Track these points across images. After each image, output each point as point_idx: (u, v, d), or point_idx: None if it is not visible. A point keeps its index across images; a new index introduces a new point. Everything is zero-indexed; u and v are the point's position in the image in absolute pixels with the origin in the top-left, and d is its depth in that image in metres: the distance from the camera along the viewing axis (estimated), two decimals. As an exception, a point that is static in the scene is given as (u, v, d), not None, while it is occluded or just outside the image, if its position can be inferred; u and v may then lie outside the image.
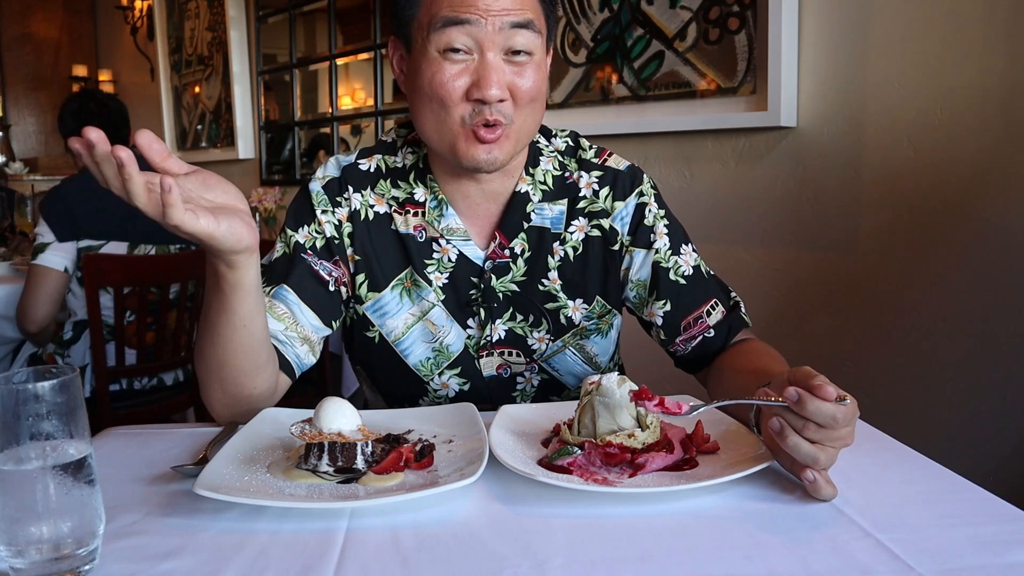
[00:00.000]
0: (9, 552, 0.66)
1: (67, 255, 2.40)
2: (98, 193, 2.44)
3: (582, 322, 1.19)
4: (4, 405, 0.65)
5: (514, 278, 1.17)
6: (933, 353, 1.98)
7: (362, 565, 0.68)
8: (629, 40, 2.52)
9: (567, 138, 1.23)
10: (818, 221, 2.17)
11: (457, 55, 1.01)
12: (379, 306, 1.17)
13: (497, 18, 1.00)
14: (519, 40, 1.02)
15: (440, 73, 1.02)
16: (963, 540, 0.70)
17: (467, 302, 1.16)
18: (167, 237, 2.57)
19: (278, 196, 3.97)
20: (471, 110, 1.03)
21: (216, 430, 1.03)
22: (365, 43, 3.92)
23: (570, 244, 1.18)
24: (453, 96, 1.02)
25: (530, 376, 1.20)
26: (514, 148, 1.08)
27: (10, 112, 7.00)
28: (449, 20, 1.00)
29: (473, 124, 1.03)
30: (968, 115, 1.87)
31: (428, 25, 1.01)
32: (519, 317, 1.17)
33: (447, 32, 1.00)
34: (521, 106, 1.05)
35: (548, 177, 1.19)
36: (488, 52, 1.01)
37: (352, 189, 1.16)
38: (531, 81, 1.04)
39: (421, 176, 1.17)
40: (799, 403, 0.76)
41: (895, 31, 1.98)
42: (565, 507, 0.79)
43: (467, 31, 1.00)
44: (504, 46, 1.02)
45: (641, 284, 1.20)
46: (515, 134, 1.07)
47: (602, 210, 1.18)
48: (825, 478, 0.78)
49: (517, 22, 1.01)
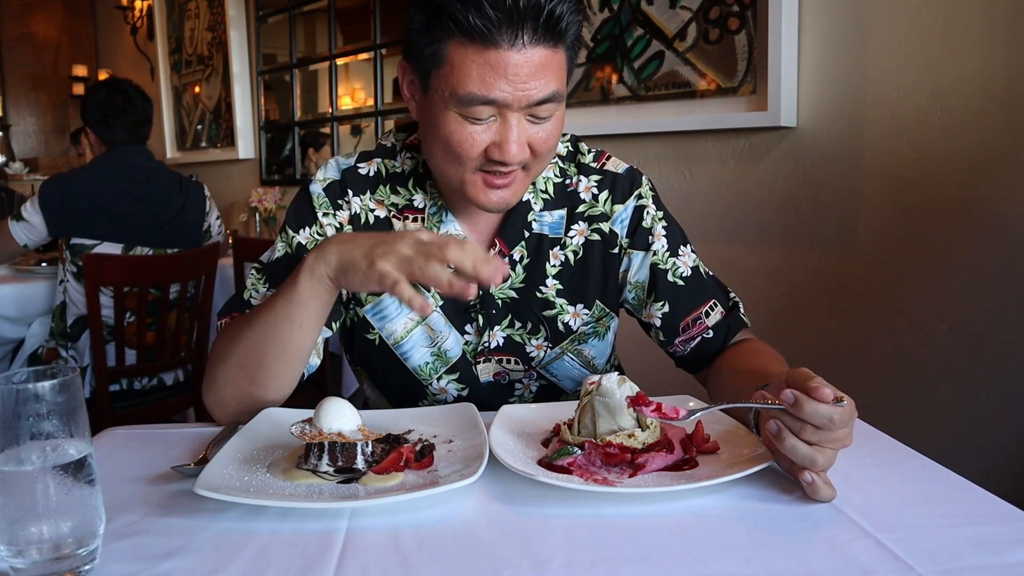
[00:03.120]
0: (9, 552, 0.66)
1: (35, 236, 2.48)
2: (97, 192, 2.44)
3: (580, 328, 1.19)
4: (4, 405, 0.65)
5: (512, 284, 1.17)
6: (933, 353, 1.98)
7: (362, 565, 0.68)
8: (629, 40, 2.52)
9: (567, 143, 1.22)
10: (818, 221, 2.17)
11: (480, 120, 0.99)
12: (379, 309, 1.17)
13: (524, 96, 0.97)
14: (543, 109, 1.01)
15: (460, 133, 1.00)
16: (963, 540, 0.70)
17: (465, 308, 1.16)
18: (164, 240, 2.57)
19: (278, 196, 3.97)
20: (487, 162, 1.03)
21: (216, 430, 1.03)
22: (365, 43, 3.91)
23: (570, 249, 1.18)
24: (471, 154, 1.01)
25: (528, 383, 1.21)
26: (524, 189, 1.09)
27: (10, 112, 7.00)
28: (476, 99, 0.97)
29: (486, 173, 1.04)
30: (968, 115, 1.87)
31: (452, 90, 0.98)
32: (517, 324, 1.17)
33: (473, 108, 0.98)
34: (539, 156, 1.05)
35: (549, 185, 1.19)
36: (511, 118, 0.99)
37: (352, 193, 1.16)
38: (552, 137, 1.04)
39: (420, 182, 1.16)
40: (796, 405, 0.77)
41: (895, 31, 1.98)
42: (565, 507, 0.79)
43: (493, 106, 0.98)
44: (528, 112, 1.01)
45: (639, 286, 1.20)
46: (530, 176, 1.08)
47: (601, 214, 1.18)
48: (823, 480, 0.78)
49: (541, 99, 0.99)
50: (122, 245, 2.49)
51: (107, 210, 2.45)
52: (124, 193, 2.48)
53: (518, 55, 0.95)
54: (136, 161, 2.54)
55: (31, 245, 2.50)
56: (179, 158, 5.39)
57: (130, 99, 2.58)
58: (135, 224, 2.50)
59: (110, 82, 2.65)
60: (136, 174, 2.52)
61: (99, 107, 2.54)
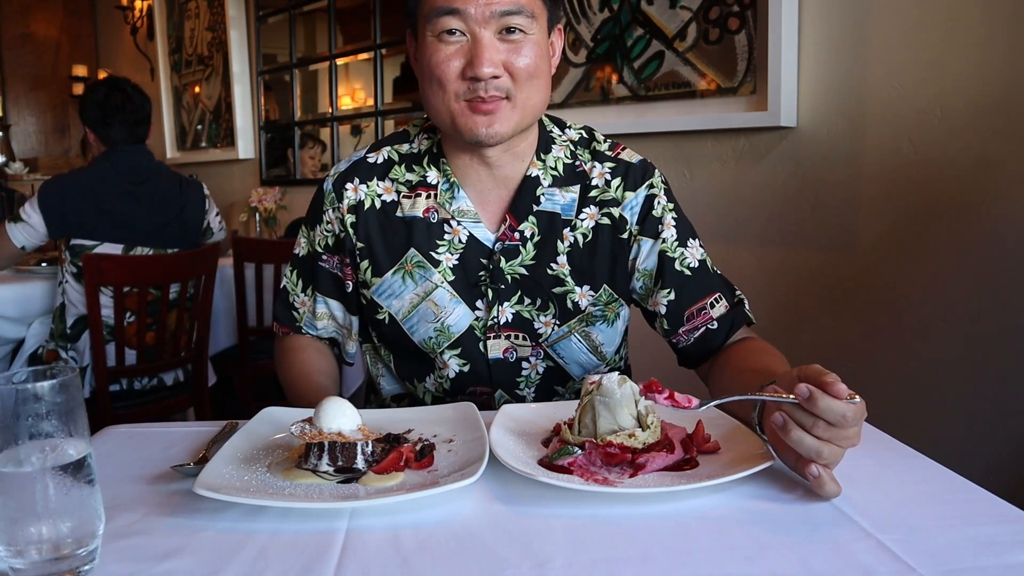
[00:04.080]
0: (9, 552, 0.66)
1: (32, 240, 2.45)
2: (97, 193, 2.44)
3: (588, 308, 1.20)
4: (4, 405, 0.65)
5: (523, 262, 1.19)
6: (933, 353, 1.97)
7: (362, 565, 0.68)
8: (629, 40, 2.52)
9: (581, 130, 1.27)
10: (818, 221, 2.17)
11: (452, 37, 1.07)
12: (383, 289, 1.21)
13: (486, 7, 1.05)
14: (511, 22, 1.06)
15: (437, 54, 1.07)
16: (964, 541, 0.70)
17: (475, 283, 1.19)
18: (164, 241, 2.57)
19: (278, 196, 3.96)
20: (467, 87, 1.08)
21: (216, 429, 1.03)
22: (365, 43, 3.91)
23: (580, 231, 1.20)
24: (449, 75, 1.07)
25: (535, 362, 1.22)
26: (518, 122, 1.12)
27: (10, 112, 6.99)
28: (442, 10, 1.05)
29: (469, 99, 1.08)
30: (968, 115, 1.87)
31: (426, 14, 1.08)
32: (527, 300, 1.20)
33: (441, 19, 1.06)
34: (520, 82, 1.09)
35: (559, 164, 1.22)
36: (481, 32, 1.06)
37: (358, 180, 1.22)
38: (528, 58, 1.08)
39: (435, 160, 1.21)
40: (810, 400, 0.76)
41: (895, 31, 1.98)
42: (565, 507, 0.78)
43: (458, 17, 1.06)
44: (497, 27, 1.07)
45: (647, 274, 1.21)
46: (519, 108, 1.10)
47: (613, 199, 1.21)
48: (829, 475, 0.77)
49: (506, 10, 1.05)
50: (122, 246, 2.49)
51: (108, 211, 2.44)
52: (124, 194, 2.48)
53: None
54: (136, 161, 2.54)
55: (29, 247, 2.47)
56: (179, 158, 5.39)
57: (129, 98, 2.56)
58: (135, 225, 2.50)
59: (108, 81, 2.64)
60: (136, 174, 2.52)
61: (98, 106, 2.52)
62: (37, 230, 2.42)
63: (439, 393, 1.24)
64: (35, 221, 2.40)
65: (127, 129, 2.54)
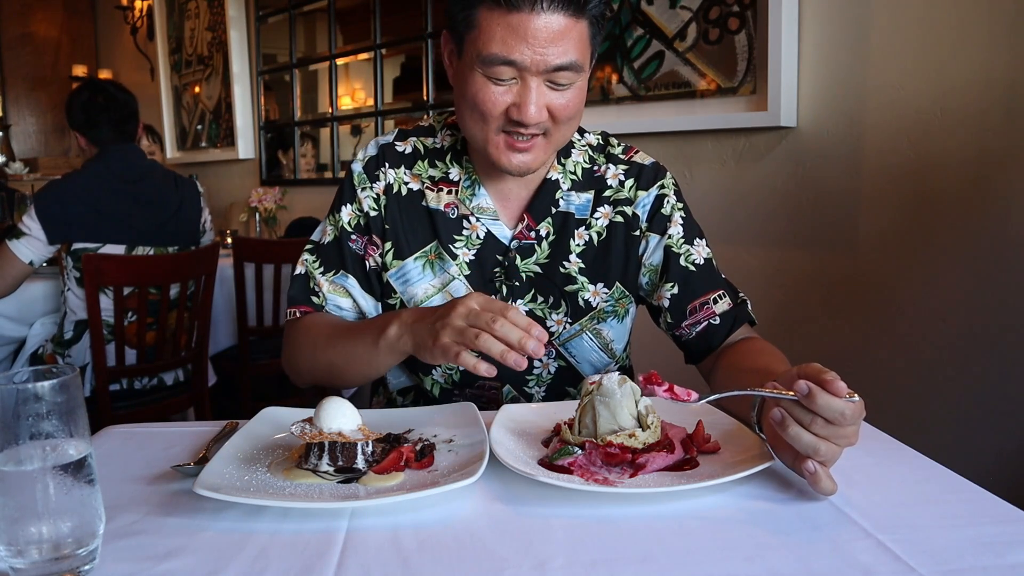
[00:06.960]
0: (9, 552, 0.66)
1: (40, 252, 2.40)
2: (95, 195, 2.43)
3: (600, 304, 1.23)
4: (4, 405, 0.65)
5: (538, 260, 1.22)
6: (933, 353, 1.97)
7: (362, 565, 0.68)
8: (629, 40, 2.52)
9: (598, 136, 1.31)
10: (818, 221, 2.17)
11: (502, 81, 1.07)
12: (402, 273, 1.23)
13: (542, 60, 1.05)
14: (561, 76, 1.07)
15: (484, 91, 1.08)
16: (964, 541, 0.70)
17: (491, 279, 1.22)
18: (164, 239, 2.56)
19: (278, 196, 3.96)
20: (508, 122, 1.10)
21: (216, 429, 1.03)
22: (365, 43, 3.91)
23: (595, 230, 1.24)
24: (494, 113, 1.09)
25: (547, 361, 1.24)
26: (546, 156, 1.15)
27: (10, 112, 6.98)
28: (498, 59, 1.05)
29: (508, 132, 1.11)
30: (968, 115, 1.87)
31: (478, 51, 1.06)
32: (539, 299, 1.22)
33: (496, 68, 1.06)
34: (560, 122, 1.11)
35: (578, 168, 1.26)
36: (531, 80, 1.06)
37: (388, 165, 1.25)
38: (571, 104, 1.10)
39: (458, 157, 1.25)
40: (809, 397, 0.77)
41: (895, 31, 1.98)
42: (565, 507, 0.79)
43: (513, 67, 1.06)
44: (547, 76, 1.07)
45: (653, 269, 1.25)
46: (553, 144, 1.14)
47: (626, 198, 1.25)
48: (825, 471, 0.78)
49: (559, 65, 1.05)
50: (124, 246, 2.48)
51: (107, 212, 2.44)
52: (122, 193, 2.47)
53: (538, 20, 1.02)
54: (130, 161, 2.53)
55: (36, 261, 2.41)
56: (179, 158, 5.39)
57: (112, 97, 2.55)
58: (136, 224, 2.50)
59: (90, 84, 2.63)
60: (130, 173, 2.51)
61: (83, 109, 2.52)
62: (38, 239, 2.39)
63: (447, 385, 1.25)
64: (35, 230, 2.38)
65: (115, 128, 2.54)
